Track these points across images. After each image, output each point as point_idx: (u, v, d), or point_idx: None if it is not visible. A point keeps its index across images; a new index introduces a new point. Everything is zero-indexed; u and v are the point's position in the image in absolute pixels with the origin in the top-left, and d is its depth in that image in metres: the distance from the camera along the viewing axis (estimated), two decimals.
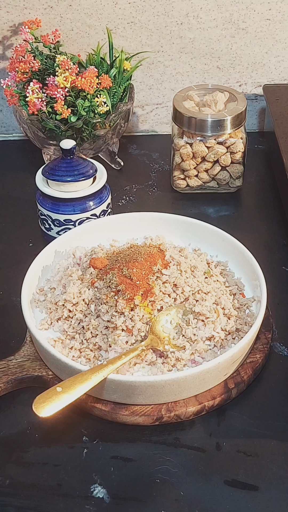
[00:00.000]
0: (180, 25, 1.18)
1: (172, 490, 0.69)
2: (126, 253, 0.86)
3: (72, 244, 0.92)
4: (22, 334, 0.85)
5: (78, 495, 0.69)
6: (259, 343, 0.82)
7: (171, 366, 0.78)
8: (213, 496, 0.68)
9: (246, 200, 1.12)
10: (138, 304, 0.80)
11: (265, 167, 1.19)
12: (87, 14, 1.16)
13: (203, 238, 0.93)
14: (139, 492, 0.69)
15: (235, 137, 1.06)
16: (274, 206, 1.10)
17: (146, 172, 1.18)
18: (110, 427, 0.75)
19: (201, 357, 0.79)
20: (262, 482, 0.70)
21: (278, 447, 0.73)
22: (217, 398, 0.76)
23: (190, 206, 1.10)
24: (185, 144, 1.06)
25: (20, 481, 0.70)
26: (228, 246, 0.91)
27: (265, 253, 0.98)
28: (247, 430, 0.75)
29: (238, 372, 0.79)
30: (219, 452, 0.73)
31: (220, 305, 0.83)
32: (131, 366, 0.78)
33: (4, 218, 1.08)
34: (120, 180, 1.16)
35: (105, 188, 1.00)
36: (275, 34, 1.19)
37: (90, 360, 0.79)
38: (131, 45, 1.19)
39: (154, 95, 1.26)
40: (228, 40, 1.20)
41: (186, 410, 0.75)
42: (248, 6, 1.16)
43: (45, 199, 0.98)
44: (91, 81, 1.02)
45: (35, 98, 1.02)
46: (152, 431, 0.75)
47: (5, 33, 1.18)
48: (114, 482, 0.70)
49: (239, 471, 0.71)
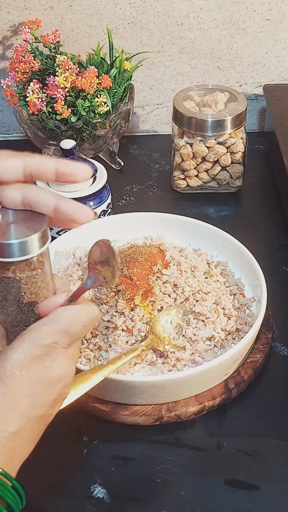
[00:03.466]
0: (181, 25, 1.18)
1: (172, 489, 0.69)
2: (126, 253, 0.86)
3: (72, 244, 0.92)
4: None
5: (78, 495, 0.69)
6: (259, 343, 0.82)
7: (171, 366, 0.78)
8: (214, 495, 0.68)
9: (246, 200, 1.12)
10: (138, 304, 0.80)
11: (265, 167, 1.19)
12: (87, 14, 1.16)
13: (203, 238, 0.93)
14: (139, 492, 0.69)
15: (235, 137, 1.06)
16: (274, 206, 1.10)
17: (146, 172, 1.18)
18: (111, 427, 0.75)
19: (201, 357, 0.79)
20: (263, 481, 0.70)
21: (279, 446, 0.73)
22: (218, 398, 0.76)
23: (190, 206, 1.10)
24: (186, 144, 1.06)
25: (20, 481, 0.70)
26: (228, 246, 0.91)
27: (265, 253, 0.98)
28: (247, 430, 0.75)
29: (239, 372, 0.79)
30: (220, 452, 0.73)
31: (220, 305, 0.83)
32: (131, 366, 0.78)
33: None
34: (120, 180, 1.16)
35: (105, 188, 1.00)
36: (275, 34, 1.19)
37: (90, 360, 0.79)
38: (132, 45, 1.19)
39: (155, 95, 1.26)
40: (229, 40, 1.20)
41: (187, 410, 0.75)
42: (248, 7, 1.16)
43: None
44: (91, 81, 1.02)
45: (35, 98, 1.02)
46: (152, 431, 0.75)
47: (5, 33, 1.18)
48: (114, 482, 0.70)
49: (240, 470, 0.71)
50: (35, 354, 0.53)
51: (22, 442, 0.53)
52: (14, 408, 0.52)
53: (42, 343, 0.53)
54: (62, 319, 0.54)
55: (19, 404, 0.52)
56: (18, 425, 0.52)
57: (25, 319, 0.57)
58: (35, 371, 0.53)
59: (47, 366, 0.53)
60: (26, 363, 0.53)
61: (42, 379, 0.53)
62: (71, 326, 0.54)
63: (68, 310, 0.55)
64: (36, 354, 0.53)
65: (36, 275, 0.56)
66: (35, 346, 0.53)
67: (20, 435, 0.52)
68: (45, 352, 0.53)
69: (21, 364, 0.52)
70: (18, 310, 0.57)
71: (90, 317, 0.55)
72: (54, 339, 0.53)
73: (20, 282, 0.55)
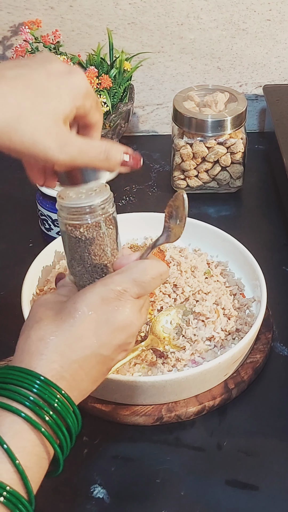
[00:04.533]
0: (181, 25, 1.18)
1: (172, 490, 0.69)
2: None
3: None
4: None
5: (78, 495, 0.69)
6: (259, 343, 0.82)
7: (171, 367, 0.78)
8: (214, 495, 0.68)
9: (246, 200, 1.12)
10: None
11: (265, 168, 1.19)
12: (87, 14, 1.16)
13: (203, 238, 0.93)
14: (139, 492, 0.69)
15: (235, 137, 1.06)
16: (274, 207, 1.10)
17: (146, 172, 1.18)
18: (111, 427, 0.75)
19: (201, 357, 0.79)
20: (263, 481, 0.70)
21: (279, 446, 0.73)
22: (218, 398, 0.76)
23: (190, 207, 1.07)
24: (185, 145, 1.06)
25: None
26: (228, 246, 0.91)
27: (265, 253, 0.98)
28: (247, 430, 0.75)
29: (239, 372, 0.79)
30: (220, 452, 0.73)
31: (220, 305, 0.83)
32: (131, 366, 0.78)
33: (4, 218, 1.08)
34: (120, 180, 1.16)
35: None
36: (276, 34, 1.19)
37: None
38: (132, 45, 1.19)
39: (155, 96, 1.26)
40: (229, 40, 1.20)
41: (187, 410, 0.75)
42: (248, 7, 1.16)
43: (45, 199, 0.98)
44: (91, 82, 1.02)
45: None
46: (152, 431, 0.75)
47: (5, 33, 1.18)
48: (114, 482, 0.70)
49: (240, 470, 0.71)
50: (105, 296, 0.57)
51: (83, 374, 0.55)
52: (79, 339, 0.55)
53: (113, 288, 0.57)
54: (134, 270, 0.58)
55: (84, 336, 0.55)
56: (80, 355, 0.55)
57: (90, 280, 0.62)
58: (103, 311, 0.56)
59: (114, 309, 0.57)
60: (96, 303, 0.56)
61: (109, 320, 0.56)
62: (141, 277, 0.58)
63: (140, 263, 0.59)
64: (106, 297, 0.57)
65: (101, 237, 0.61)
66: (106, 290, 0.57)
67: (81, 366, 0.55)
68: (115, 296, 0.57)
69: (91, 303, 0.56)
70: (84, 270, 0.62)
71: (159, 271, 0.59)
72: (124, 286, 0.57)
73: (85, 243, 0.61)
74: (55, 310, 0.57)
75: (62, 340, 0.55)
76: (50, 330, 0.55)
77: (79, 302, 0.56)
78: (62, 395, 0.53)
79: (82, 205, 0.60)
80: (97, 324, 0.56)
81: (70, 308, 0.56)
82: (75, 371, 0.55)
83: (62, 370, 0.54)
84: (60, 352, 0.54)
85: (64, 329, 0.55)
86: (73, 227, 0.60)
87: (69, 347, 0.55)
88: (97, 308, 0.56)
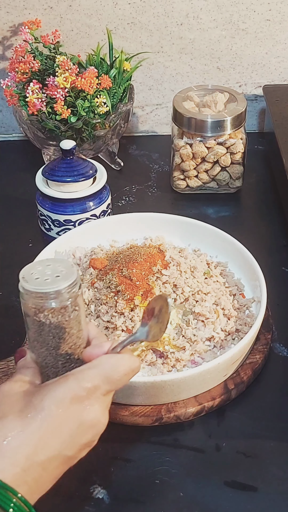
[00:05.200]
0: (180, 25, 1.18)
1: (171, 491, 0.69)
2: (126, 253, 0.86)
3: (72, 245, 0.92)
4: (22, 334, 0.84)
5: (77, 495, 0.69)
6: (259, 344, 0.82)
7: (171, 367, 0.78)
8: (213, 497, 0.68)
9: (246, 200, 1.12)
10: (138, 304, 0.80)
11: (265, 168, 1.19)
12: (87, 14, 1.16)
13: (203, 239, 0.93)
14: (138, 493, 0.69)
15: (235, 137, 1.06)
16: (274, 207, 1.10)
17: (146, 172, 1.18)
18: (110, 427, 0.74)
19: (201, 357, 0.79)
20: (262, 483, 0.69)
21: (278, 448, 0.73)
22: (217, 398, 0.76)
23: (190, 207, 1.10)
24: (185, 145, 1.06)
25: None
26: (228, 246, 0.91)
27: (265, 253, 0.98)
28: (246, 431, 0.75)
29: (238, 373, 0.79)
30: (219, 453, 0.73)
31: (220, 305, 0.83)
32: None
33: (4, 218, 1.08)
34: (120, 180, 1.16)
35: (105, 189, 1.00)
36: (275, 34, 1.19)
37: None
38: (131, 45, 1.19)
39: (154, 96, 1.26)
40: (228, 40, 1.20)
41: (186, 410, 0.75)
42: (248, 7, 1.16)
43: (45, 200, 0.98)
44: (91, 82, 1.02)
45: (35, 98, 1.02)
46: (151, 431, 0.75)
47: (5, 33, 1.18)
48: (113, 483, 0.70)
49: (239, 472, 0.71)
50: (75, 395, 0.55)
51: (45, 476, 0.54)
52: (45, 440, 0.53)
53: (84, 385, 0.56)
54: (106, 365, 0.57)
55: (51, 438, 0.54)
56: (46, 456, 0.53)
57: (53, 362, 0.59)
58: (72, 410, 0.55)
59: (84, 408, 0.56)
60: (65, 401, 0.55)
61: (77, 420, 0.55)
62: (113, 374, 0.57)
63: (111, 358, 0.58)
64: (76, 395, 0.55)
65: (67, 321, 0.58)
66: (77, 387, 0.55)
67: (45, 468, 0.54)
68: (85, 395, 0.56)
69: (60, 401, 0.55)
70: (47, 353, 0.59)
71: (131, 367, 0.58)
72: (95, 383, 0.56)
73: (50, 327, 0.58)
74: (20, 405, 0.55)
75: (28, 441, 0.53)
76: (16, 430, 0.53)
77: (46, 400, 0.54)
78: (18, 499, 0.51)
79: (48, 290, 0.56)
80: (65, 424, 0.54)
81: (37, 405, 0.54)
82: (39, 474, 0.53)
83: (24, 475, 0.52)
84: (25, 455, 0.52)
85: (30, 430, 0.53)
86: (37, 310, 0.57)
87: (35, 448, 0.53)
88: (66, 407, 0.54)
